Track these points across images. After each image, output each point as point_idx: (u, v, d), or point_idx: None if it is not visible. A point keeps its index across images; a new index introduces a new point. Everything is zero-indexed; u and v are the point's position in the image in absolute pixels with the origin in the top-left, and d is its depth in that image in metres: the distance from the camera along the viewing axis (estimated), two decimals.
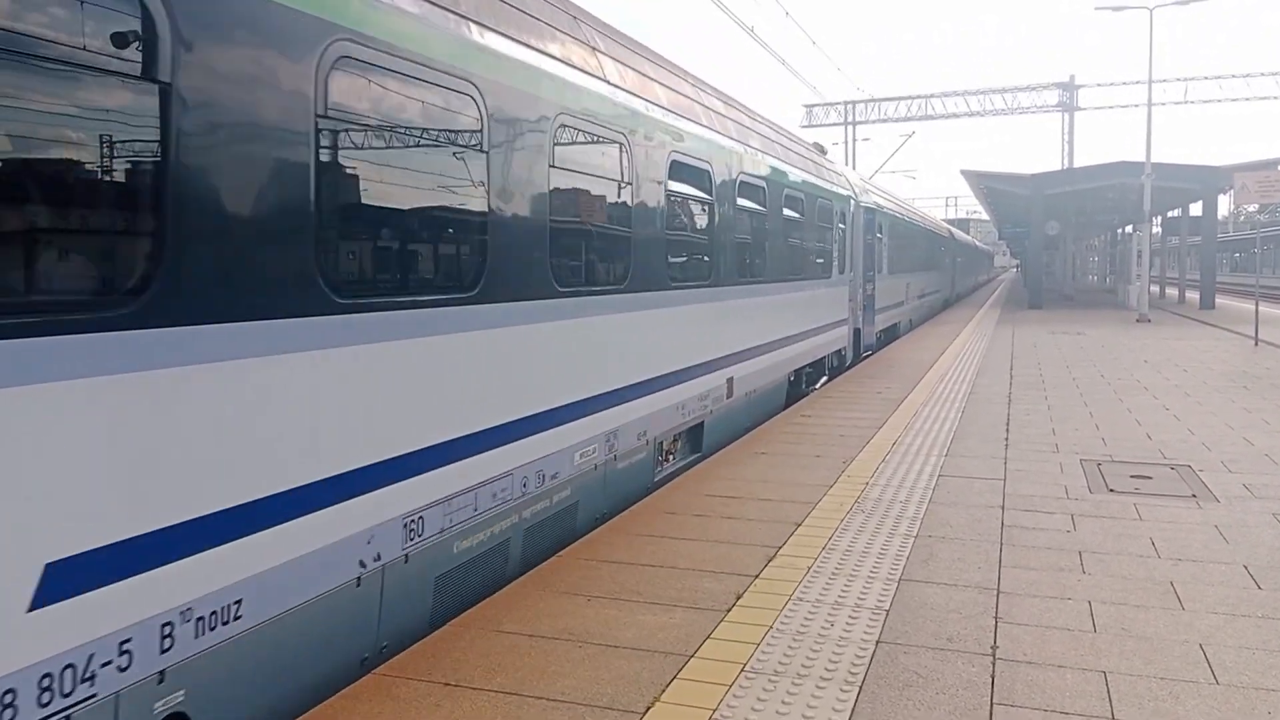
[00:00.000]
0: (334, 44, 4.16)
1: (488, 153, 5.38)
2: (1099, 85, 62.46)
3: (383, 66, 4.49)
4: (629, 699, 4.02)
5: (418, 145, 4.87)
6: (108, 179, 3.25)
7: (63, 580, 2.95)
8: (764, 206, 11.24)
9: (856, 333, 17.65)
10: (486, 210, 5.37)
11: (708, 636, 4.67)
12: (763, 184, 11.16)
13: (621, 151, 7.33)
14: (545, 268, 6.05)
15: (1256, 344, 20.54)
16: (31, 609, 2.87)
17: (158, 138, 3.29)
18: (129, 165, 3.32)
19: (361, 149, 4.50)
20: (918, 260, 28.66)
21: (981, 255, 70.08)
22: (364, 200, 4.55)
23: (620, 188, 7.37)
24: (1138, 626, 4.83)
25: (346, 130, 4.32)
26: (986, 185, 41.07)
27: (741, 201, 10.28)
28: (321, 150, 4.10)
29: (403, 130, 4.73)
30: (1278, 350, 19.50)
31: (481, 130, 5.34)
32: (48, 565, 2.92)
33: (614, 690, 4.10)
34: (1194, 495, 7.51)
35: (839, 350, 16.24)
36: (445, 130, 5.09)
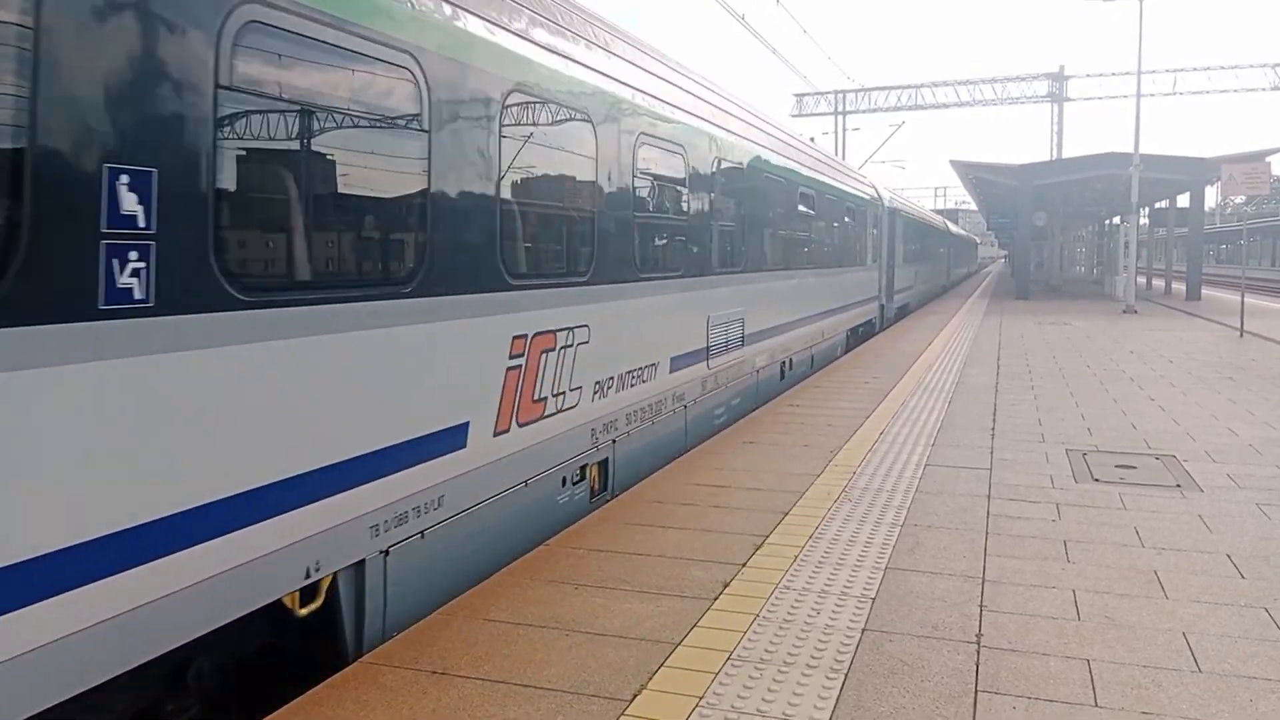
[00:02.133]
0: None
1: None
2: (1088, 76, 62.39)
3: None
4: (615, 687, 4.03)
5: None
6: None
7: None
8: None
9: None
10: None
11: (694, 625, 4.69)
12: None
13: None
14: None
15: (1241, 335, 20.66)
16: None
17: None
18: None
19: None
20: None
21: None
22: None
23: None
24: (1121, 615, 4.86)
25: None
26: (975, 175, 41.12)
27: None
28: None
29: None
30: (1263, 341, 19.62)
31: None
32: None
33: (601, 678, 4.11)
34: (1178, 485, 7.56)
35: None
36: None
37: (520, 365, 5.89)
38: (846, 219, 17.96)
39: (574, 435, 6.72)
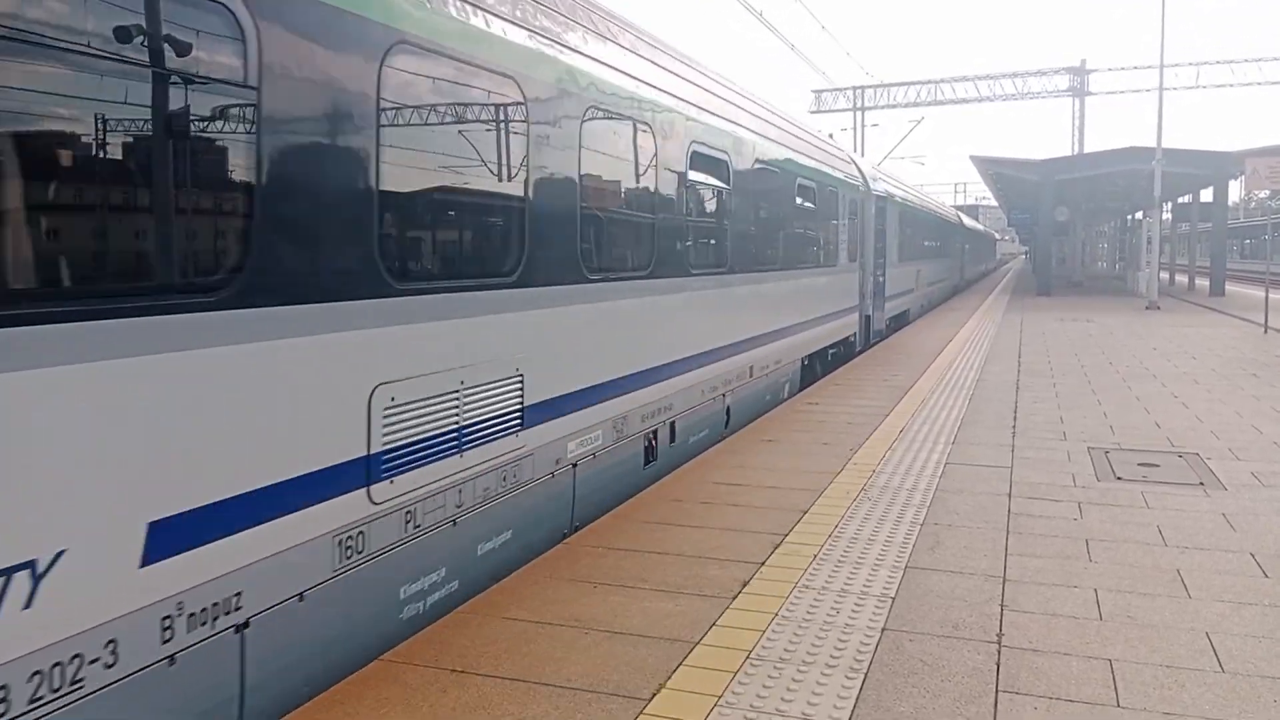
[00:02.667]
0: None
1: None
2: (1110, 70, 62.18)
3: None
4: (635, 685, 4.04)
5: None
6: None
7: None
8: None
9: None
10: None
11: (713, 623, 4.69)
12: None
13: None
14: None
15: (1266, 331, 20.45)
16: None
17: None
18: None
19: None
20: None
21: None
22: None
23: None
24: (1144, 614, 4.83)
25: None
26: (995, 171, 40.87)
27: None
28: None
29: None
30: None
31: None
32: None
33: (620, 677, 4.12)
34: (1201, 483, 7.50)
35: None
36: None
37: None
38: (802, 203, 12.81)
39: None
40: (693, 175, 8.74)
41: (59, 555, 3.03)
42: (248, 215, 3.76)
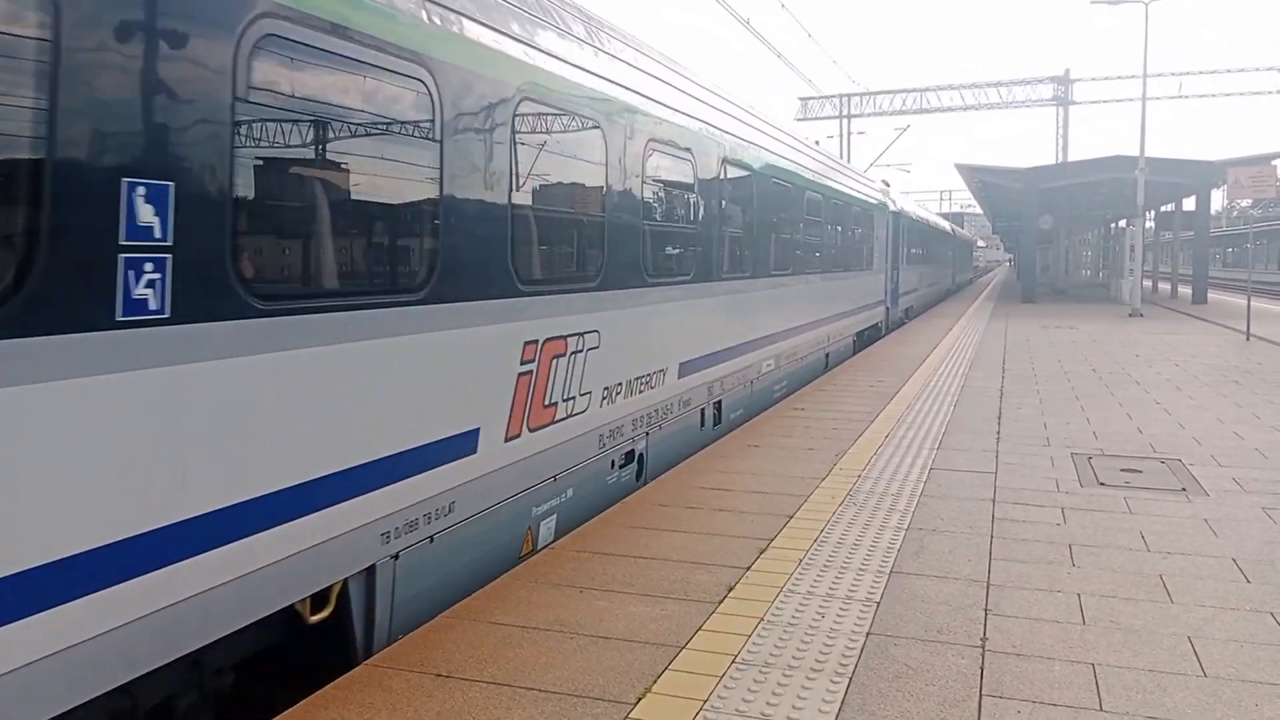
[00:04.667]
0: None
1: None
2: (1094, 79, 62.29)
3: None
4: (620, 690, 4.03)
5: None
6: None
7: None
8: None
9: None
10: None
11: (699, 628, 4.69)
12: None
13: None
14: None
15: (1248, 339, 20.61)
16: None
17: None
18: None
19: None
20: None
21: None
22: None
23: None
24: (1126, 619, 4.85)
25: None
26: (980, 179, 41.10)
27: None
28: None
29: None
30: (1269, 345, 19.58)
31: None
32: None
33: (605, 681, 4.11)
34: (1184, 489, 7.55)
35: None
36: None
37: None
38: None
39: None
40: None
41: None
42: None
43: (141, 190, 3.27)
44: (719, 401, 10.08)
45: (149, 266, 3.30)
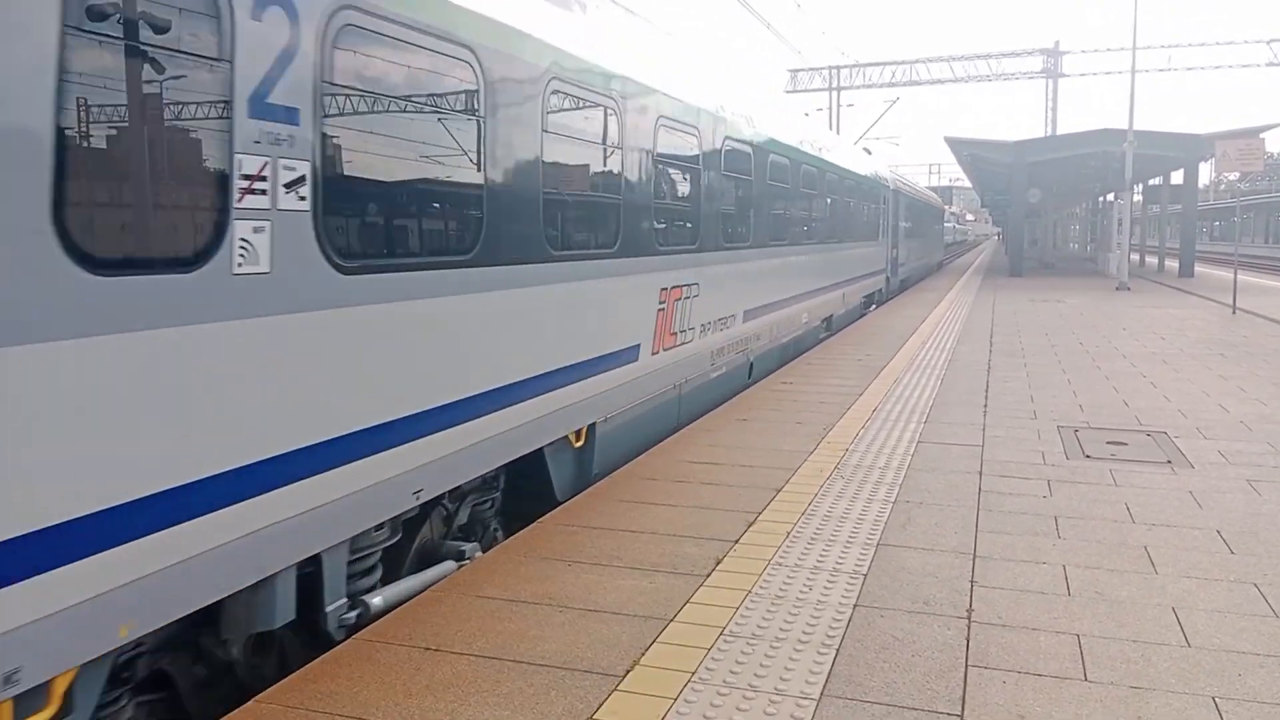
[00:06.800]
0: None
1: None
2: (1083, 52, 62.32)
3: None
4: (609, 662, 4.05)
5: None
6: None
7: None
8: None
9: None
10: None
11: (687, 601, 4.71)
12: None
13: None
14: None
15: (1234, 312, 20.71)
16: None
17: None
18: None
19: None
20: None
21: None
22: None
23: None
24: (1111, 590, 4.89)
25: None
26: (970, 152, 40.98)
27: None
28: None
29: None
30: (1255, 318, 19.67)
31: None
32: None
33: (594, 654, 4.13)
34: (1169, 461, 7.60)
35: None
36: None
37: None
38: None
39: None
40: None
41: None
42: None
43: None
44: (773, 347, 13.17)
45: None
